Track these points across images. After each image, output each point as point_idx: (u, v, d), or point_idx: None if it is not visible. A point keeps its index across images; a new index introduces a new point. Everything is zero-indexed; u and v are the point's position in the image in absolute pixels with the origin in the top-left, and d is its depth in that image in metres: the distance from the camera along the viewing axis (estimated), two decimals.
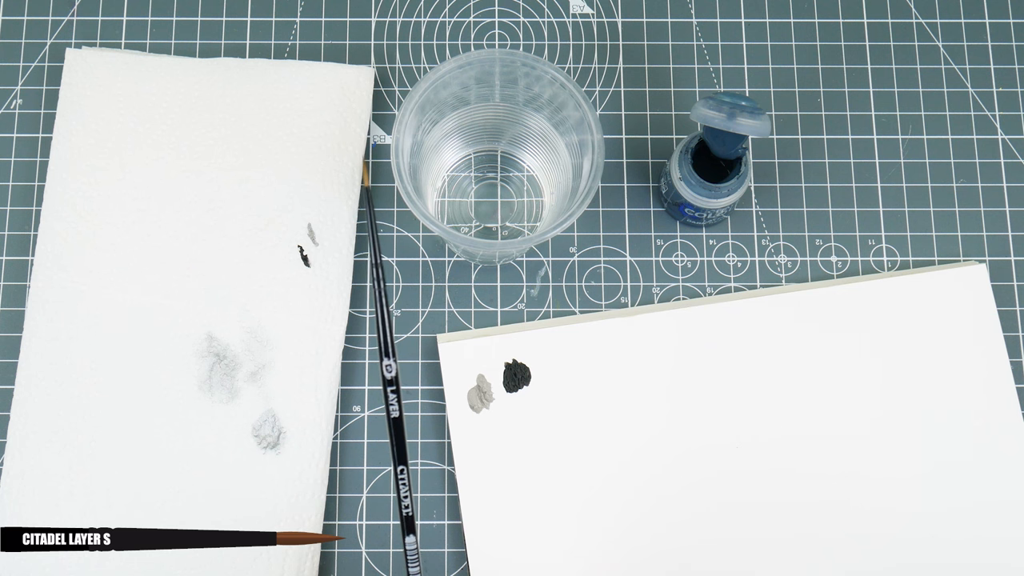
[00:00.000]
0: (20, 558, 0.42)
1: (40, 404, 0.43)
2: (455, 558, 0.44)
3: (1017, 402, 0.45)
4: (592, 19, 0.50)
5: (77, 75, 0.47)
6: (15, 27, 0.49)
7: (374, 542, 0.44)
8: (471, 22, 0.50)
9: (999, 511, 0.44)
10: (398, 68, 0.49)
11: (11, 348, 0.45)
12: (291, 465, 0.43)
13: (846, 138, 0.49)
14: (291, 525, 0.43)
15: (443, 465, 0.45)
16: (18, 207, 0.47)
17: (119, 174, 0.46)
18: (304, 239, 0.45)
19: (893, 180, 0.48)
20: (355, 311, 0.46)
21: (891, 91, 0.49)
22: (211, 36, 0.49)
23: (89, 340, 0.44)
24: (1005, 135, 0.49)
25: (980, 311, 0.46)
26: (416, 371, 0.46)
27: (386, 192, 0.48)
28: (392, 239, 0.47)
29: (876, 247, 0.48)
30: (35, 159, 0.48)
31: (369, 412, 0.45)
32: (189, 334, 0.44)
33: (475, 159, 0.47)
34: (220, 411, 0.44)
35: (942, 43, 0.50)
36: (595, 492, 0.44)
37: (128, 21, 0.49)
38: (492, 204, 0.47)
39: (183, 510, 0.43)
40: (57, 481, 0.43)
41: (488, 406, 0.45)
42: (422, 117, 0.40)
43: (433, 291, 0.47)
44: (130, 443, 0.43)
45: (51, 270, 0.45)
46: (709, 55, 0.50)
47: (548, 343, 0.45)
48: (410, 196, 0.37)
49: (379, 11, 0.50)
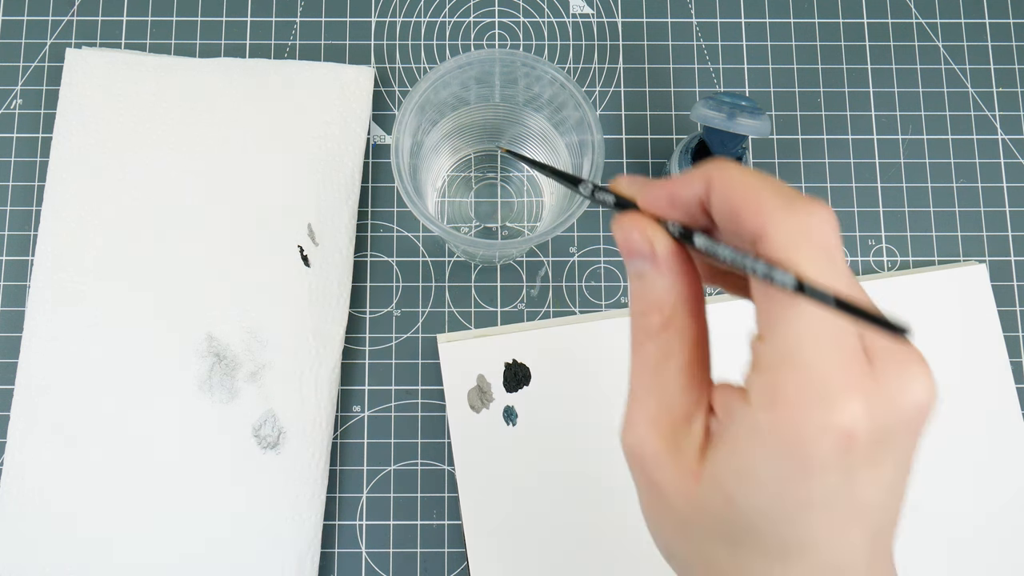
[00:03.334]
0: (20, 558, 0.42)
1: (40, 404, 0.43)
2: (455, 558, 0.44)
3: (1017, 402, 0.45)
4: (592, 19, 0.50)
5: (77, 75, 0.47)
6: (15, 27, 0.49)
7: (374, 542, 0.44)
8: (471, 22, 0.50)
9: (999, 511, 0.44)
10: (398, 68, 0.49)
11: (11, 348, 0.45)
12: (291, 465, 0.43)
13: (846, 138, 0.49)
14: (291, 525, 0.43)
15: (443, 465, 0.45)
16: (18, 207, 0.47)
17: (119, 174, 0.46)
18: (304, 239, 0.45)
19: (893, 180, 0.48)
20: (355, 311, 0.46)
21: (891, 91, 0.49)
22: (211, 36, 0.49)
23: (89, 340, 0.44)
24: (1005, 135, 0.49)
25: (980, 311, 0.46)
26: (416, 371, 0.46)
27: (386, 192, 0.48)
28: (392, 239, 0.47)
29: (876, 247, 0.48)
30: (35, 159, 0.48)
31: (369, 412, 0.45)
32: (189, 334, 0.44)
33: (475, 159, 0.47)
34: (220, 411, 0.44)
35: (942, 43, 0.50)
36: (595, 492, 0.44)
37: (128, 21, 0.49)
38: (492, 204, 0.47)
39: (183, 510, 0.43)
40: (57, 481, 0.43)
41: (488, 406, 0.45)
42: (422, 117, 0.40)
43: (433, 291, 0.47)
44: (130, 443, 0.43)
45: (51, 270, 0.45)
46: (709, 55, 0.50)
47: (548, 343, 0.45)
48: (410, 196, 0.37)
49: (379, 11, 0.50)
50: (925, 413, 0.22)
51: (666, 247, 0.24)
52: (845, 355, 0.21)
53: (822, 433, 0.20)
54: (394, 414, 0.45)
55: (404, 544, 0.44)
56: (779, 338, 0.21)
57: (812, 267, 0.21)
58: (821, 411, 0.20)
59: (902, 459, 0.22)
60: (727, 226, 0.23)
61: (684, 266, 0.24)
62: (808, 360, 0.21)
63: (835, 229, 0.21)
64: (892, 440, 0.22)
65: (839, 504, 0.22)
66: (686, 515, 0.24)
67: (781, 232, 0.21)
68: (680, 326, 0.24)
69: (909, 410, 0.21)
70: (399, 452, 0.45)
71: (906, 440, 0.22)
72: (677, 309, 0.24)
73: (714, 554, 0.24)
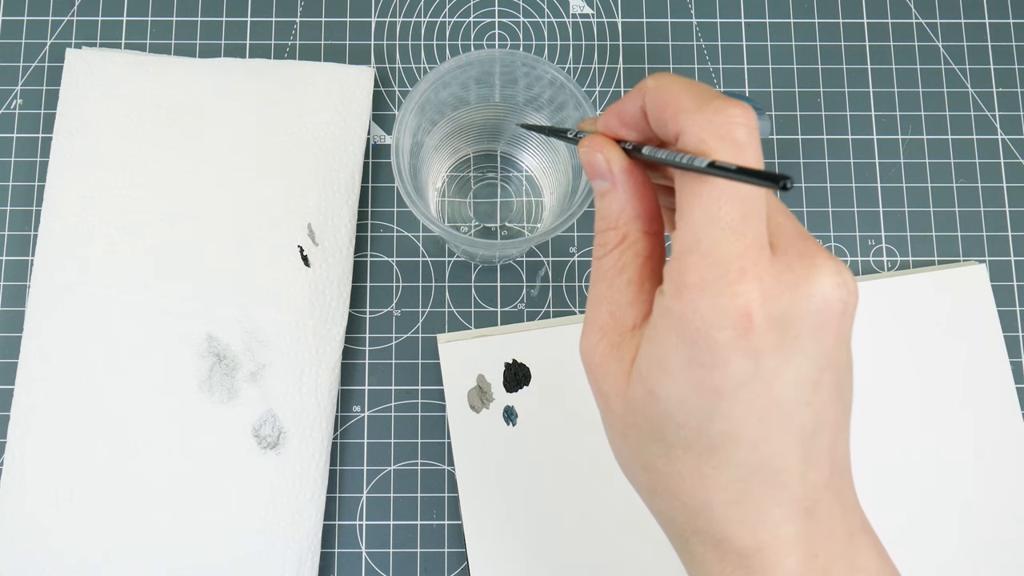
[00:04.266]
0: (20, 558, 0.42)
1: (40, 404, 0.43)
2: (455, 558, 0.44)
3: (1017, 402, 0.45)
4: (592, 19, 0.50)
5: (77, 75, 0.47)
6: (15, 27, 0.49)
7: (374, 542, 0.44)
8: (471, 22, 0.50)
9: (999, 511, 0.44)
10: (398, 68, 0.49)
11: (11, 348, 0.45)
12: (291, 465, 0.43)
13: (846, 138, 0.49)
14: (291, 525, 0.43)
15: (443, 465, 0.45)
16: (18, 207, 0.47)
17: (119, 174, 0.45)
18: (304, 239, 0.45)
19: (893, 180, 0.48)
20: (355, 311, 0.46)
21: (891, 91, 0.49)
22: (211, 36, 0.49)
23: (89, 340, 0.44)
24: (1005, 135, 0.49)
25: (980, 311, 0.46)
26: (416, 371, 0.46)
27: (386, 192, 0.48)
28: (392, 239, 0.47)
29: (876, 247, 0.48)
30: (35, 159, 0.48)
31: (369, 412, 0.45)
32: (189, 334, 0.44)
33: (475, 159, 0.47)
34: (220, 411, 0.44)
35: (942, 43, 0.50)
36: (596, 492, 0.44)
37: (128, 21, 0.49)
38: (492, 204, 0.47)
39: (183, 510, 0.43)
40: (57, 481, 0.43)
41: (488, 406, 0.45)
42: (422, 117, 0.40)
43: (433, 291, 0.47)
44: (130, 443, 0.43)
45: (51, 270, 0.45)
46: (709, 55, 0.50)
47: (548, 343, 0.45)
48: (410, 196, 0.37)
49: (379, 11, 0.50)
50: (835, 308, 0.23)
51: (620, 164, 0.26)
52: (746, 242, 0.22)
53: (719, 315, 0.22)
54: (394, 414, 0.45)
55: (404, 544, 0.44)
56: (687, 228, 0.23)
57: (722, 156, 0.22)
58: (718, 293, 0.22)
59: (817, 356, 0.23)
60: (660, 132, 0.25)
61: (640, 186, 0.26)
62: (709, 246, 0.22)
63: (746, 124, 0.22)
64: (798, 330, 0.22)
65: (752, 394, 0.22)
66: (624, 417, 0.25)
67: (694, 127, 0.23)
68: (633, 241, 0.26)
69: (813, 301, 0.22)
70: (399, 452, 0.45)
71: (817, 334, 0.23)
72: (631, 226, 0.26)
73: (650, 454, 0.25)
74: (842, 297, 0.23)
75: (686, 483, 0.24)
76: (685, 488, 0.24)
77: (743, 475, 0.23)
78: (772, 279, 0.22)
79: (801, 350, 0.22)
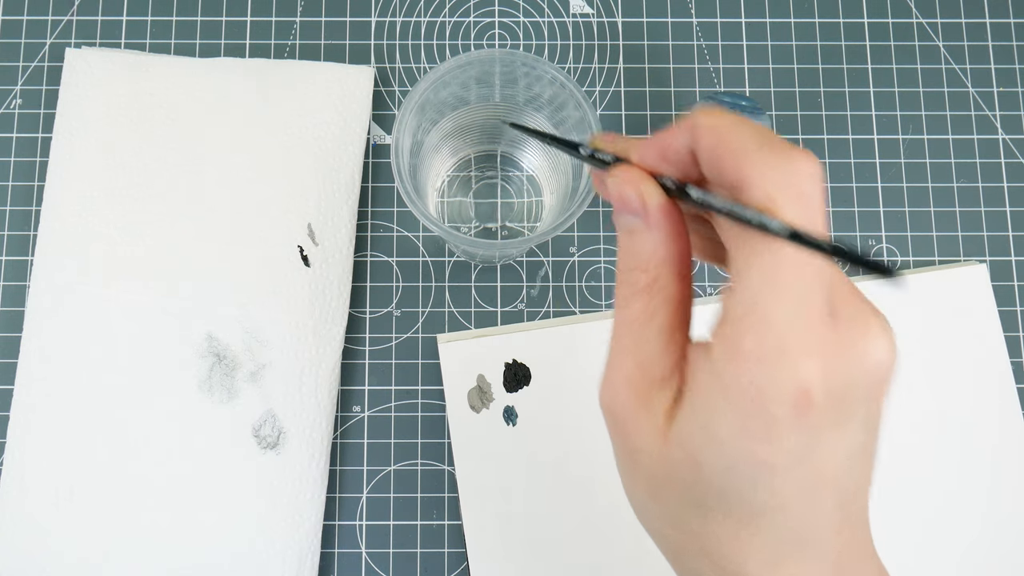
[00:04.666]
0: (20, 558, 0.42)
1: (40, 404, 0.43)
2: (455, 558, 0.44)
3: (1017, 402, 0.45)
4: (592, 19, 0.50)
5: (77, 75, 0.47)
6: (15, 27, 0.49)
7: (374, 542, 0.44)
8: (471, 22, 0.50)
9: (999, 511, 0.44)
10: (398, 68, 0.49)
11: (11, 348, 0.45)
12: (291, 465, 0.43)
13: (846, 138, 0.49)
14: (291, 525, 0.43)
15: (443, 465, 0.45)
16: (18, 207, 0.47)
17: (119, 174, 0.45)
18: (304, 239, 0.45)
19: (893, 180, 0.48)
20: (355, 311, 0.46)
21: (891, 91, 0.49)
22: (211, 36, 0.49)
23: (89, 340, 0.44)
24: (1005, 135, 0.49)
25: (980, 311, 0.46)
26: (416, 371, 0.46)
27: (386, 192, 0.48)
28: (392, 239, 0.47)
29: (876, 247, 0.48)
30: (35, 159, 0.48)
31: (369, 412, 0.45)
32: (189, 334, 0.44)
33: (475, 159, 0.47)
34: (220, 411, 0.43)
35: (942, 43, 0.50)
36: (595, 492, 0.44)
37: (128, 21, 0.49)
38: (492, 204, 0.47)
39: (183, 510, 0.43)
40: (57, 481, 0.43)
41: (488, 406, 0.45)
42: (422, 117, 0.40)
43: (433, 291, 0.47)
44: (130, 443, 0.43)
45: (51, 270, 0.45)
46: (709, 55, 0.50)
47: (548, 343, 0.45)
48: (410, 196, 0.37)
49: (379, 11, 0.50)
50: (886, 372, 0.22)
51: (658, 202, 0.23)
52: (808, 312, 0.20)
53: (778, 389, 0.20)
54: (394, 414, 0.45)
55: (404, 544, 0.44)
56: (745, 290, 0.21)
57: (792, 215, 0.20)
58: (777, 365, 0.20)
59: (867, 422, 0.22)
60: (712, 175, 0.22)
61: (674, 226, 0.24)
62: (767, 312, 0.20)
63: (815, 178, 0.21)
64: (853, 401, 0.21)
65: (803, 467, 0.21)
66: (656, 476, 0.24)
67: (762, 180, 0.20)
68: (664, 286, 0.24)
69: (870, 370, 0.21)
70: (399, 452, 0.45)
71: (869, 402, 0.22)
72: (663, 269, 0.24)
73: (684, 516, 0.24)
74: (893, 360, 0.22)
75: (724, 547, 0.23)
76: (722, 552, 0.23)
77: (782, 539, 0.23)
78: (832, 350, 0.21)
79: (854, 420, 0.22)
